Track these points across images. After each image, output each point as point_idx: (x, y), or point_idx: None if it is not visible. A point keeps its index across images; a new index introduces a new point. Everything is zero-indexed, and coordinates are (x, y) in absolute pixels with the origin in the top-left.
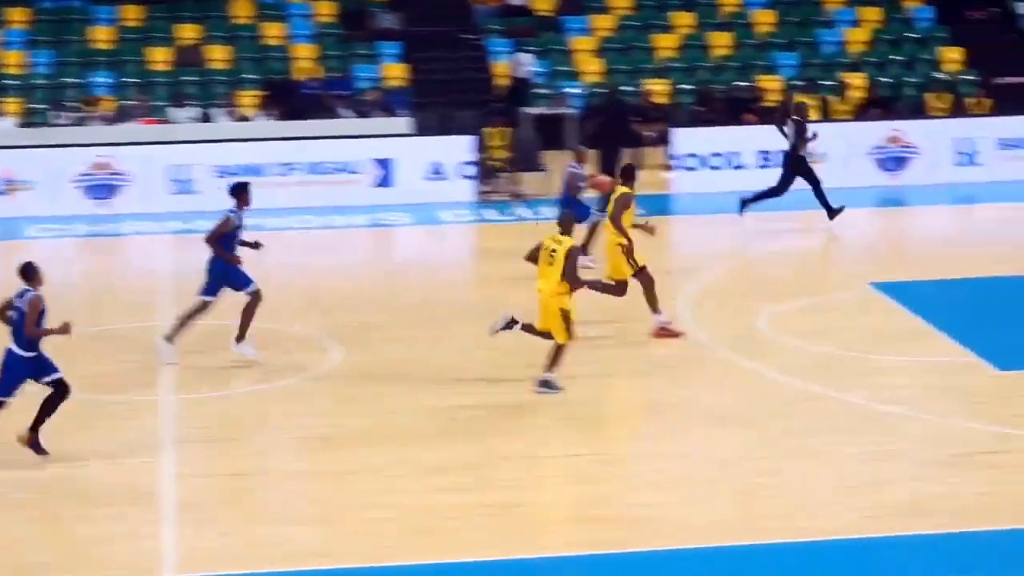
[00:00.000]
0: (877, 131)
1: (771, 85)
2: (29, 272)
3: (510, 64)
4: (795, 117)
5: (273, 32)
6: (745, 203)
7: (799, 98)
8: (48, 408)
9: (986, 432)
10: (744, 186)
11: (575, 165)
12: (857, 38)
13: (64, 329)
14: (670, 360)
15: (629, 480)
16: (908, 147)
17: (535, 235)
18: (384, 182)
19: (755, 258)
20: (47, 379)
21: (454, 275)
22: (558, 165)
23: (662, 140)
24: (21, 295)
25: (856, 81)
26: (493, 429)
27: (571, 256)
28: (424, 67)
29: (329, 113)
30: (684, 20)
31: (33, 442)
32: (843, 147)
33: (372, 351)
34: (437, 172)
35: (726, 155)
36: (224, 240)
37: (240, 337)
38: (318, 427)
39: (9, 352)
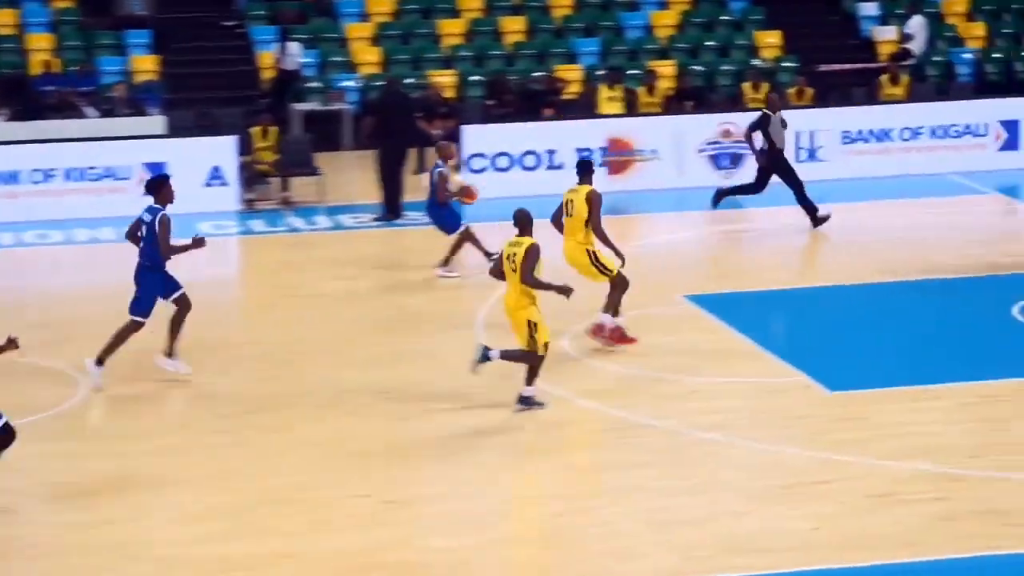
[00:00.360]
0: (708, 125)
1: (571, 75)
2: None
3: (276, 55)
4: (769, 111)
5: (3, 21)
6: (721, 195)
7: (767, 89)
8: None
9: (816, 459)
10: (546, 189)
11: (442, 164)
12: (665, 22)
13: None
14: (465, 387)
15: (419, 523)
16: (743, 142)
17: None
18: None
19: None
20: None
21: (217, 294)
22: (333, 168)
23: (451, 138)
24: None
25: (665, 70)
26: (257, 467)
27: (530, 255)
28: (178, 59)
29: (72, 112)
30: (472, 3)
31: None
32: (670, 144)
33: (128, 383)
34: (194, 177)
35: (520, 155)
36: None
37: (171, 352)
38: (63, 471)
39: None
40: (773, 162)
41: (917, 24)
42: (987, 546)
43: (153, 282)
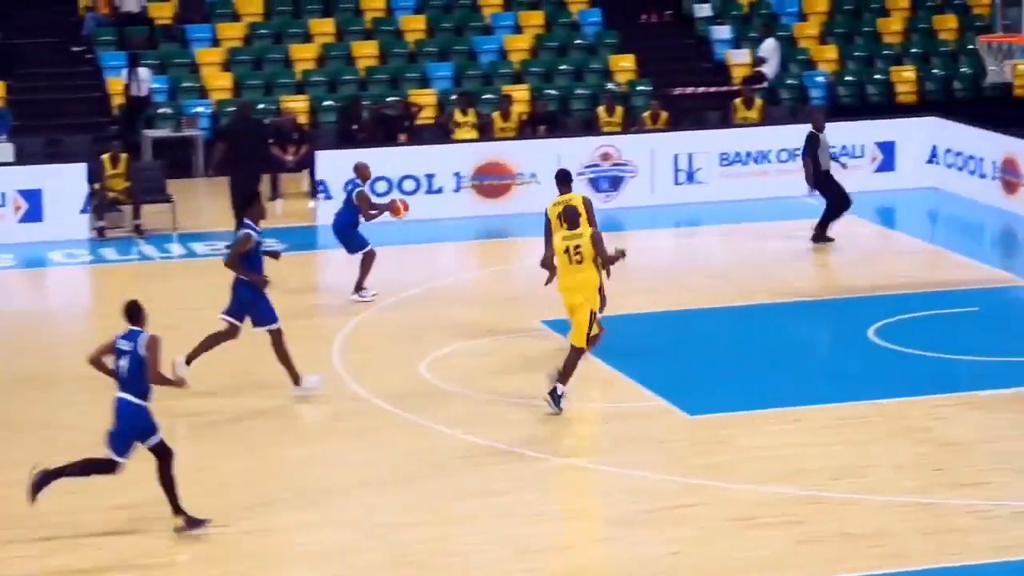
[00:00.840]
0: (588, 148)
1: (425, 99)
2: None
3: (126, 81)
4: (816, 131)
5: None
6: (819, 236)
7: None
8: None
9: (677, 484)
10: (425, 213)
11: (360, 183)
12: (519, 46)
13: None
14: (323, 413)
15: (270, 556)
16: (623, 165)
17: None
18: None
19: (415, 295)
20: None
21: (66, 325)
22: (186, 195)
23: (304, 164)
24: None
25: (519, 94)
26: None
27: (597, 238)
28: (26, 85)
29: None
30: (324, 27)
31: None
32: (550, 166)
33: None
34: (42, 206)
35: (384, 179)
36: (245, 259)
37: (296, 379)
38: None
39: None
40: (816, 180)
41: (770, 47)
42: (848, 568)
43: (255, 292)
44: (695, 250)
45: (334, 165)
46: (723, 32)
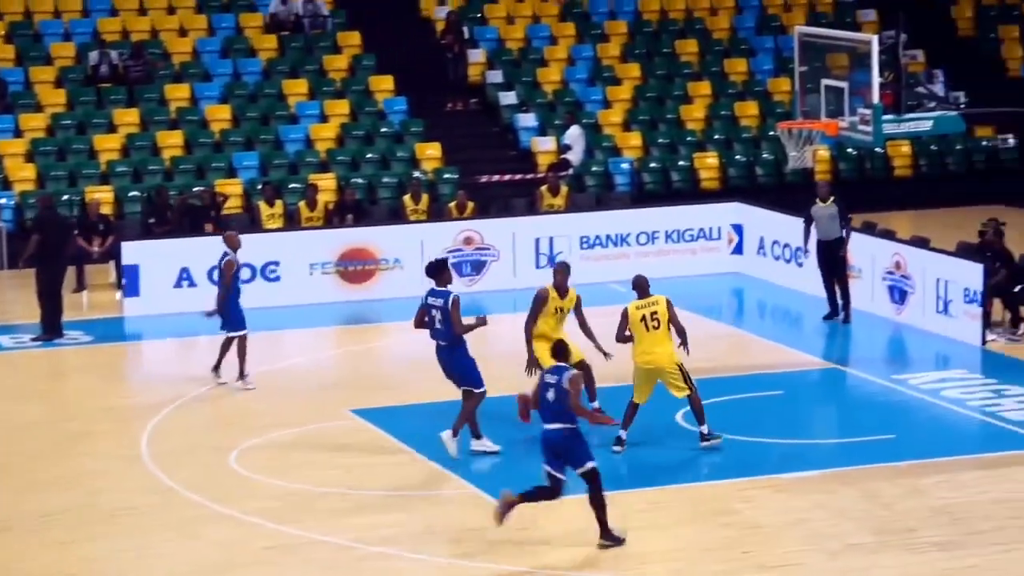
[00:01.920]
0: (450, 233)
1: (231, 189)
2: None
3: None
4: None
5: None
6: (842, 317)
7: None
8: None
9: (490, 571)
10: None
11: (230, 252)
12: (325, 135)
13: None
14: (128, 507)
15: None
16: (485, 249)
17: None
18: None
19: (223, 386)
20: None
21: None
22: None
23: (110, 255)
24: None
25: (326, 183)
26: None
27: (672, 306)
28: None
29: None
30: (128, 117)
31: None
32: (413, 251)
33: None
34: None
35: (185, 270)
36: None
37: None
38: None
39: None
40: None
41: (575, 134)
42: None
43: (461, 355)
44: (502, 335)
45: (140, 255)
46: (528, 120)
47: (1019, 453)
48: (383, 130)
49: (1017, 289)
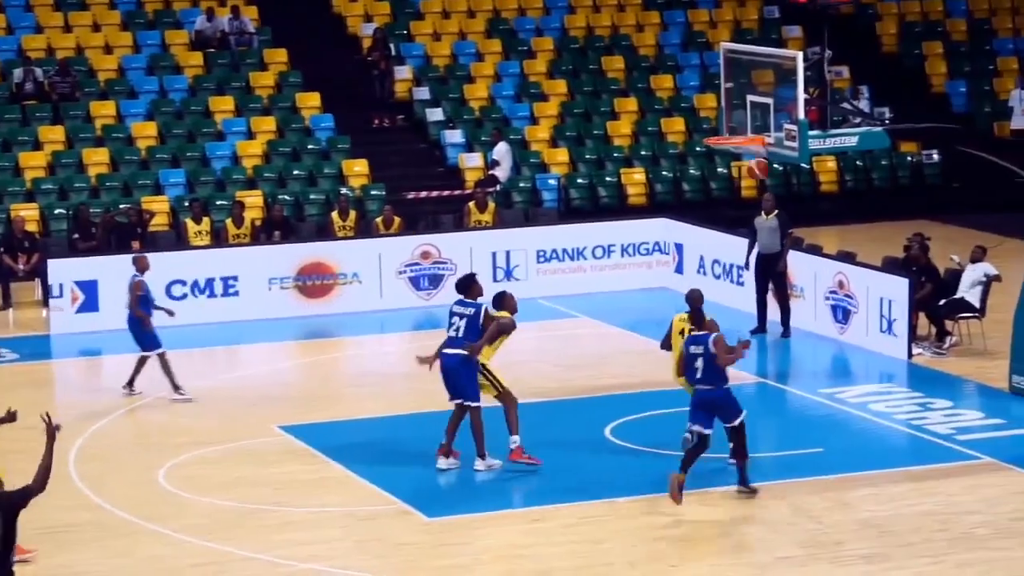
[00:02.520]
0: (407, 247)
1: (158, 206)
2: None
3: None
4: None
5: None
6: (782, 332)
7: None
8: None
9: None
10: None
11: (139, 274)
12: (252, 151)
13: None
14: (57, 525)
15: None
16: (442, 263)
17: None
18: None
19: (150, 403)
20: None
21: None
22: None
23: (35, 273)
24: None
25: (253, 199)
26: None
27: (714, 323)
28: None
29: None
30: (53, 135)
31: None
32: (373, 265)
33: None
34: None
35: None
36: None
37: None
38: None
39: None
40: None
41: (502, 151)
42: None
43: (472, 368)
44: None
45: (66, 273)
46: (455, 136)
47: (945, 466)
48: (310, 147)
49: (942, 303)
